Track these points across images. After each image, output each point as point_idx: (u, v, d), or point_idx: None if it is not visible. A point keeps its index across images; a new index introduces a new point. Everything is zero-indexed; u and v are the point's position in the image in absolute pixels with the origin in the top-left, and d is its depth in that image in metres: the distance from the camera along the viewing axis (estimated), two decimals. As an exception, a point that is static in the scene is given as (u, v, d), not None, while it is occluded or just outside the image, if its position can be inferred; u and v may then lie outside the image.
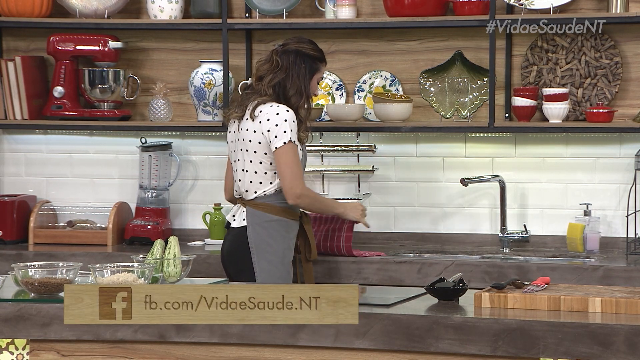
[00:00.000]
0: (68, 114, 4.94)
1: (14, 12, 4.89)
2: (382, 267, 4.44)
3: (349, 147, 4.91)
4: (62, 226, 5.02)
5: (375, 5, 4.86)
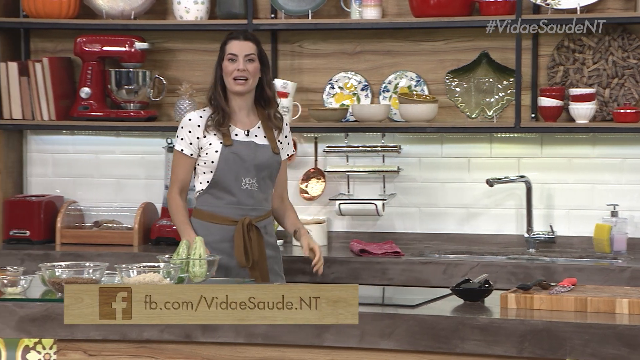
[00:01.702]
0: (95, 115, 4.97)
1: (42, 14, 4.92)
2: (407, 267, 4.44)
3: (374, 148, 4.90)
4: (89, 226, 5.05)
5: (401, 6, 4.85)
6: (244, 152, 3.93)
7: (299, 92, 4.91)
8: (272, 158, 3.98)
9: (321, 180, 4.96)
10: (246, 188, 3.94)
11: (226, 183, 3.93)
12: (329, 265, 4.51)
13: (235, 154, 3.92)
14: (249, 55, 3.94)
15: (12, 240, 4.96)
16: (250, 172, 3.93)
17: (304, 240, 4.01)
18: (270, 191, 4.03)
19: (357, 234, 4.93)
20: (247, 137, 3.96)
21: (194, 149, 3.96)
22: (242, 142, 3.94)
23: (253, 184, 3.95)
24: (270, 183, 4.01)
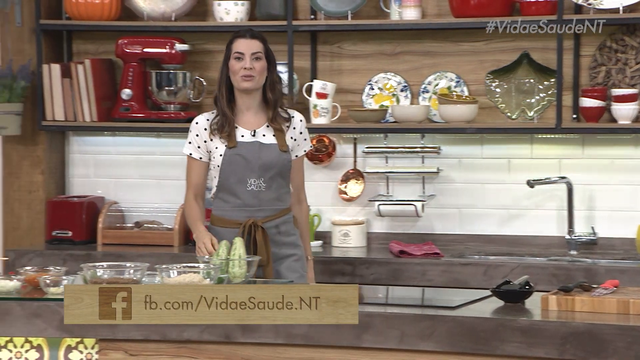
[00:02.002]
0: (135, 116, 5.00)
1: (84, 16, 4.97)
2: (447, 269, 4.42)
3: (414, 149, 4.89)
4: (130, 227, 5.08)
5: (441, 6, 4.83)
6: (248, 153, 3.88)
7: (338, 93, 4.91)
8: (279, 156, 3.91)
9: (360, 181, 4.96)
10: (252, 189, 3.88)
11: (231, 186, 3.89)
12: (368, 266, 4.51)
13: (239, 155, 3.88)
14: (255, 53, 3.89)
15: (54, 241, 5.01)
16: (256, 172, 3.88)
17: (309, 276, 3.99)
18: (284, 190, 3.96)
19: (397, 235, 4.92)
20: (253, 137, 3.91)
21: (202, 152, 3.93)
22: (247, 142, 3.90)
23: (259, 184, 3.88)
24: (282, 182, 3.94)
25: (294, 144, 3.97)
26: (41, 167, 5.11)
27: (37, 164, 5.11)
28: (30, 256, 4.76)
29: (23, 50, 5.06)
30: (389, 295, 3.67)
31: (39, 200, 5.11)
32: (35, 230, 5.11)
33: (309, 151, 4.93)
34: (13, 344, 3.21)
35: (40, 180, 5.11)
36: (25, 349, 3.21)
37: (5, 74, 4.96)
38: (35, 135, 5.10)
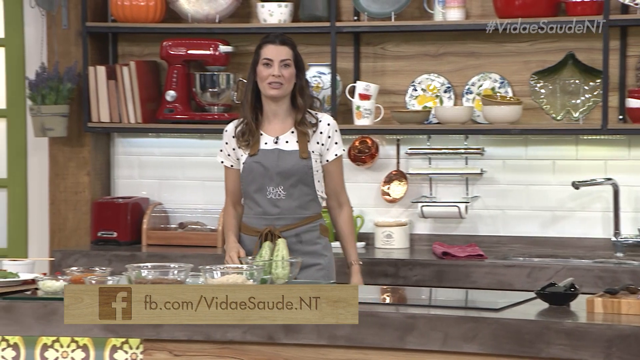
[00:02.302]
0: (179, 118, 5.03)
1: (129, 18, 5.01)
2: (491, 270, 4.40)
3: (457, 150, 4.87)
4: (174, 228, 5.11)
5: (485, 7, 4.81)
6: (267, 161, 3.84)
7: (381, 94, 4.90)
8: (299, 163, 3.83)
9: (403, 182, 4.95)
10: (271, 197, 3.83)
11: (252, 193, 3.86)
12: (411, 267, 4.50)
13: (258, 163, 3.84)
14: (284, 60, 3.82)
15: (99, 242, 5.05)
16: (274, 180, 3.82)
17: (352, 280, 3.86)
18: (308, 197, 3.86)
19: (440, 237, 4.90)
20: (275, 144, 3.86)
21: (232, 160, 3.92)
22: (267, 150, 3.85)
23: (279, 192, 3.83)
24: (306, 189, 3.85)
25: (321, 148, 3.88)
26: (87, 168, 5.15)
27: (83, 165, 5.15)
28: (76, 257, 4.80)
29: (69, 53, 5.11)
30: (432, 297, 3.66)
31: (84, 201, 5.15)
32: (80, 231, 5.16)
33: (353, 153, 4.95)
34: (60, 343, 3.25)
35: (86, 181, 5.16)
36: (72, 348, 3.24)
37: (52, 76, 5.01)
38: (81, 137, 5.15)
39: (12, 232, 5.29)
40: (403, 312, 3.12)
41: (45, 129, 5.01)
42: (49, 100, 5.00)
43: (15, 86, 5.25)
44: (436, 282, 4.43)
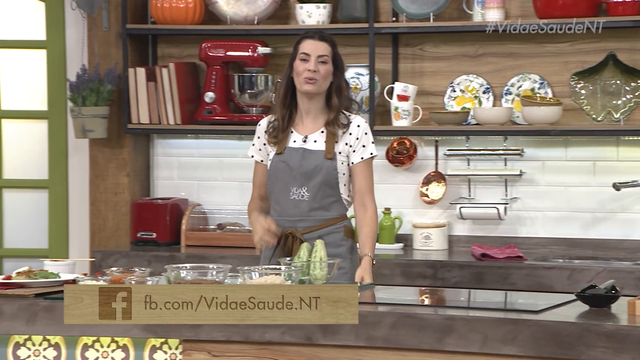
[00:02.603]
0: (218, 119, 5.05)
1: (169, 20, 5.04)
2: (530, 272, 4.37)
3: (496, 151, 4.85)
4: (212, 229, 5.13)
5: (525, 7, 4.78)
6: (292, 160, 3.76)
7: (419, 95, 4.89)
8: (323, 164, 3.74)
9: (442, 183, 4.93)
10: (294, 198, 3.76)
11: (275, 193, 3.80)
12: (450, 269, 4.48)
13: (284, 162, 3.78)
14: (322, 56, 3.74)
15: (139, 242, 5.08)
16: (298, 180, 3.75)
17: (358, 270, 3.70)
18: (331, 199, 3.78)
19: (479, 238, 4.88)
20: (303, 143, 3.78)
21: (263, 155, 3.86)
22: (294, 149, 3.78)
23: (302, 193, 3.75)
24: (330, 191, 3.77)
25: (348, 150, 3.78)
26: (127, 169, 5.19)
27: (122, 166, 5.19)
28: (116, 257, 4.84)
29: (109, 55, 5.15)
30: (471, 299, 3.64)
31: (124, 202, 5.19)
32: (120, 231, 5.19)
33: (391, 154, 4.94)
34: (100, 343, 3.27)
35: (125, 182, 5.19)
36: (112, 348, 3.27)
37: (92, 78, 5.05)
38: (121, 138, 5.18)
39: (53, 233, 5.34)
40: (442, 314, 3.11)
41: (85, 130, 5.06)
42: (89, 101, 5.04)
43: (56, 88, 5.30)
44: (475, 283, 4.41)
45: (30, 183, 5.38)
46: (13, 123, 5.40)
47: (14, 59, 5.38)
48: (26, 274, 3.43)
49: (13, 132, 5.39)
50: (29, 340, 3.30)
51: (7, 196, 5.39)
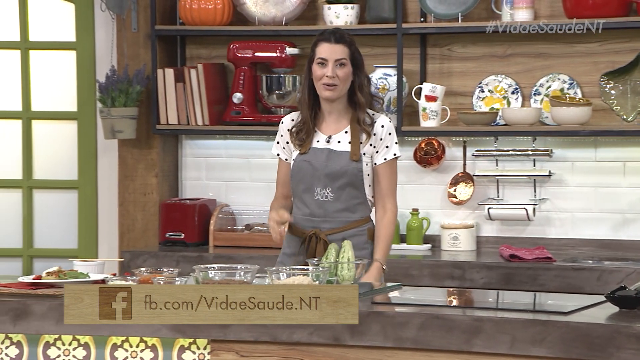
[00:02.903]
0: (246, 120, 5.06)
1: (197, 21, 5.05)
2: (559, 273, 4.35)
3: (525, 152, 4.82)
4: (240, 229, 5.15)
5: (554, 7, 4.76)
6: (316, 160, 3.71)
7: (447, 95, 4.88)
8: (348, 165, 3.69)
9: (470, 184, 4.92)
10: (318, 199, 3.71)
11: (300, 193, 3.75)
12: (478, 270, 4.47)
13: (307, 162, 3.72)
14: (339, 60, 3.67)
15: (167, 242, 5.10)
16: (322, 181, 3.70)
17: (365, 275, 3.61)
18: (356, 200, 3.73)
19: (507, 239, 4.86)
20: (327, 143, 3.72)
21: (287, 153, 3.81)
22: (318, 149, 3.72)
23: (326, 194, 3.70)
24: (354, 192, 3.72)
25: (372, 151, 3.73)
26: (155, 170, 5.21)
27: (151, 167, 5.21)
28: (145, 257, 4.86)
29: (138, 56, 5.18)
30: (500, 300, 3.62)
31: (153, 202, 5.21)
32: (149, 231, 5.22)
33: (419, 155, 4.93)
34: (129, 343, 3.29)
35: (154, 182, 5.21)
36: (141, 348, 3.28)
37: (121, 79, 5.08)
38: (149, 139, 5.21)
39: (82, 233, 5.37)
40: (470, 315, 3.10)
41: (114, 131, 5.08)
42: (118, 102, 5.07)
43: (86, 89, 5.33)
44: (503, 284, 4.39)
45: (60, 184, 5.42)
46: (43, 124, 5.44)
47: (44, 60, 5.41)
48: (56, 274, 3.45)
49: (43, 133, 5.43)
50: (59, 339, 3.32)
51: (37, 197, 5.43)
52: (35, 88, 5.41)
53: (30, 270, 5.37)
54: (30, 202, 5.41)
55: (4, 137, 5.45)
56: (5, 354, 3.35)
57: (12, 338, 3.35)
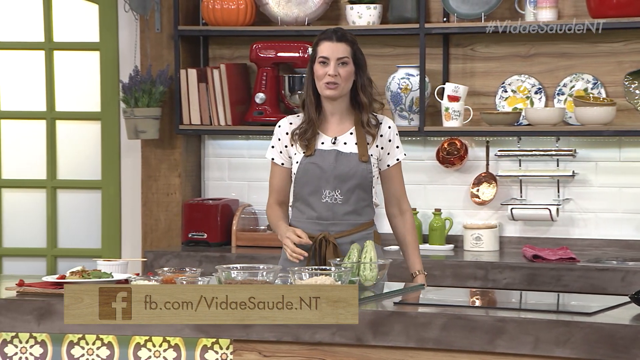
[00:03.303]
0: (269, 120, 5.06)
1: (220, 22, 5.07)
2: (583, 274, 4.33)
3: (548, 152, 4.81)
4: (262, 229, 5.15)
5: (578, 7, 4.74)
6: (324, 162, 3.64)
7: (470, 95, 4.87)
8: (357, 167, 3.64)
9: (492, 184, 4.90)
10: (326, 201, 3.65)
11: (306, 196, 3.67)
12: (501, 270, 4.45)
13: (315, 164, 3.65)
14: (341, 58, 3.61)
15: (190, 242, 5.12)
16: (331, 183, 3.63)
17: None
18: (364, 203, 3.68)
19: (530, 239, 4.84)
20: (333, 145, 3.66)
21: (284, 158, 3.72)
22: (325, 151, 3.65)
23: (335, 196, 3.64)
24: (364, 194, 3.67)
25: (382, 152, 3.68)
26: (178, 170, 5.23)
27: (174, 167, 5.23)
28: (168, 257, 4.88)
29: (162, 56, 5.20)
30: (523, 300, 3.61)
31: (175, 202, 5.23)
32: (172, 231, 5.23)
33: (441, 155, 4.92)
34: (152, 343, 3.30)
35: (177, 183, 5.23)
36: (164, 348, 3.29)
37: (145, 80, 5.10)
38: (172, 139, 5.22)
39: (106, 233, 5.39)
40: (493, 315, 3.09)
41: (138, 131, 5.10)
42: (141, 103, 5.09)
43: (110, 89, 5.35)
44: (526, 285, 4.38)
45: (83, 184, 5.45)
46: (67, 124, 5.47)
47: (68, 61, 5.44)
48: (80, 273, 3.46)
49: (67, 134, 5.46)
50: (83, 339, 3.34)
51: (61, 197, 5.46)
52: (59, 88, 5.43)
53: (54, 270, 5.40)
54: (54, 202, 5.44)
55: (29, 138, 5.48)
56: (29, 353, 3.37)
57: (37, 337, 3.37)
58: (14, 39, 5.46)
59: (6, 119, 5.48)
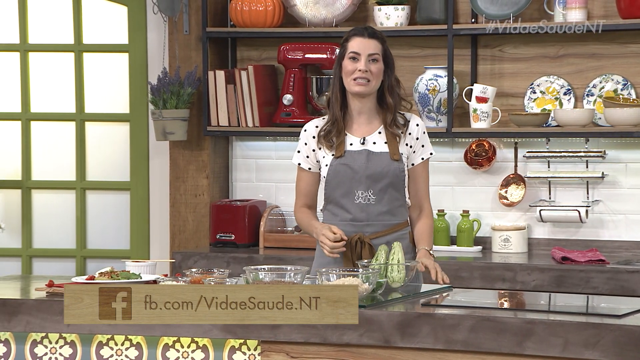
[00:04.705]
0: (296, 121, 5.07)
1: (248, 23, 5.08)
2: (612, 276, 4.30)
3: (577, 153, 4.78)
4: (290, 231, 5.16)
5: (608, 7, 4.71)
6: (356, 163, 3.59)
7: (498, 97, 4.85)
8: (390, 166, 3.59)
9: (521, 186, 4.88)
10: (359, 202, 3.60)
11: (338, 198, 3.62)
12: (530, 272, 4.43)
13: (345, 165, 3.60)
14: (372, 55, 3.55)
15: (218, 244, 5.13)
16: (363, 183, 3.59)
17: (419, 258, 3.61)
18: (397, 203, 3.64)
19: (559, 241, 4.82)
20: (362, 145, 3.61)
21: (312, 162, 3.67)
22: (355, 151, 3.60)
23: (368, 196, 3.60)
24: (396, 194, 3.62)
25: (409, 151, 3.64)
26: (206, 171, 5.24)
27: (202, 168, 5.25)
28: (196, 258, 4.89)
29: (190, 58, 5.21)
30: (552, 302, 3.59)
31: (203, 203, 5.24)
32: (200, 233, 5.25)
33: (469, 156, 4.91)
34: (180, 343, 3.31)
35: (205, 184, 5.25)
36: (192, 349, 3.30)
37: (173, 81, 5.12)
38: (200, 141, 5.24)
39: (134, 234, 5.42)
40: (521, 317, 3.08)
41: (166, 132, 5.12)
42: (170, 104, 5.11)
43: (138, 91, 5.38)
44: (555, 287, 4.35)
45: (112, 185, 5.48)
46: (96, 126, 5.50)
47: (97, 62, 5.47)
48: (108, 274, 3.48)
49: (96, 135, 5.49)
50: (112, 339, 3.36)
51: (90, 198, 5.50)
52: (88, 90, 5.47)
53: (83, 271, 5.43)
54: (84, 203, 5.47)
55: (58, 139, 5.52)
56: (59, 353, 3.39)
57: (66, 338, 3.39)
58: (44, 41, 5.50)
59: (36, 121, 5.52)
